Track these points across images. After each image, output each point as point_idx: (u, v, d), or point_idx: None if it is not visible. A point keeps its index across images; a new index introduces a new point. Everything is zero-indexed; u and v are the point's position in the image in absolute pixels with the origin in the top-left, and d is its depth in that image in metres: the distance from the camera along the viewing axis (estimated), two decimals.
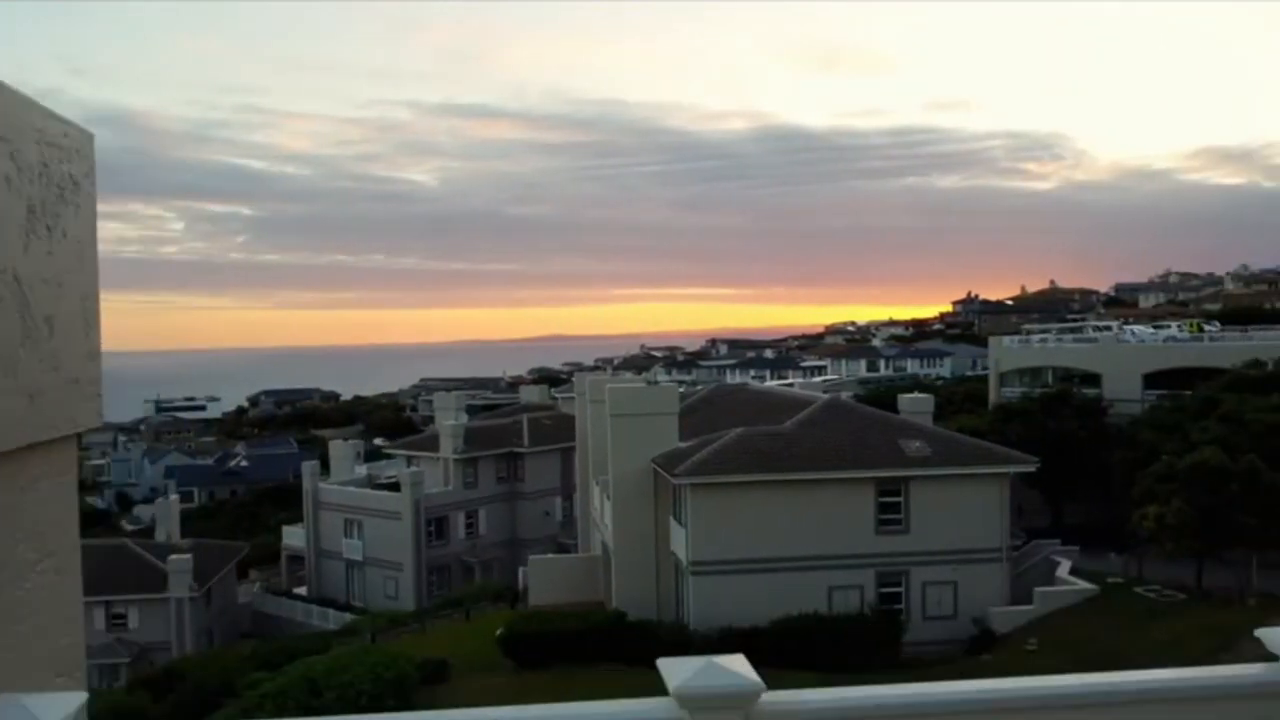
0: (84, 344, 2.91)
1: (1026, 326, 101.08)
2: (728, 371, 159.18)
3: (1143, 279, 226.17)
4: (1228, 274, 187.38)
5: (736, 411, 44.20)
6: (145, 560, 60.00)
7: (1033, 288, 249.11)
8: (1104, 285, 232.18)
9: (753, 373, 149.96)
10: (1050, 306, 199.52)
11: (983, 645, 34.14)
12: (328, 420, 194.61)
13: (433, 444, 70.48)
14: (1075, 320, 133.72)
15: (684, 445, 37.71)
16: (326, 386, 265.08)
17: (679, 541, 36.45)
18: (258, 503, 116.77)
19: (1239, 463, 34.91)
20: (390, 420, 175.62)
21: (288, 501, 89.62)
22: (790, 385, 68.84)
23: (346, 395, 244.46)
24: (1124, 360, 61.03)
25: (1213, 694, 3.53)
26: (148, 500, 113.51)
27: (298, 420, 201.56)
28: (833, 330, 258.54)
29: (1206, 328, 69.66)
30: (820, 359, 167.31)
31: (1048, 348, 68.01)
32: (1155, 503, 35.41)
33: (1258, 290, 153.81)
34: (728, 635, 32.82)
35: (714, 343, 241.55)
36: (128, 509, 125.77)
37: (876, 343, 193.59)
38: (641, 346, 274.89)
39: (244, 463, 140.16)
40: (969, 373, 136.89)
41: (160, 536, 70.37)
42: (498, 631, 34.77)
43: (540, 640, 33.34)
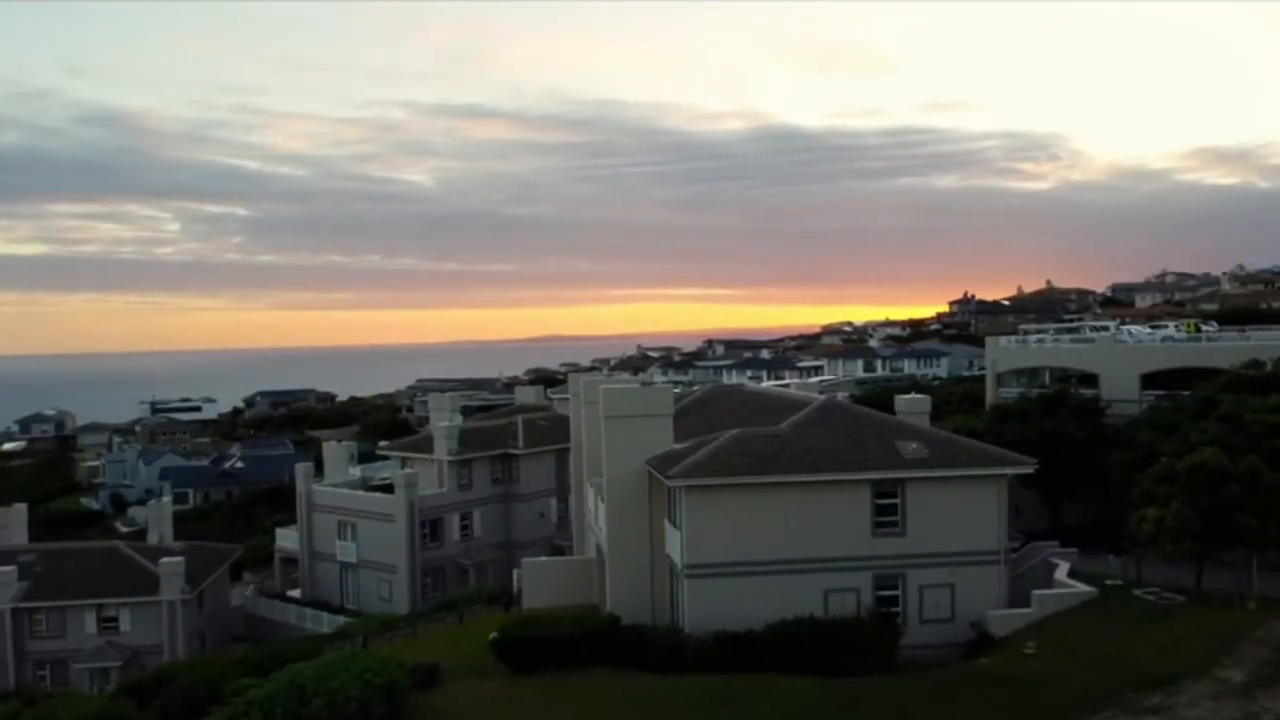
0: None
1: (1023, 326, 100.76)
2: (724, 372, 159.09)
3: (1139, 279, 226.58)
4: (1224, 274, 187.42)
5: (732, 413, 43.88)
6: (137, 563, 59.63)
7: (1029, 288, 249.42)
8: (1100, 285, 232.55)
9: (749, 373, 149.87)
10: (1047, 307, 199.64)
11: (980, 648, 33.79)
12: (323, 421, 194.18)
13: (427, 445, 70.16)
14: (1072, 320, 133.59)
15: (679, 447, 37.36)
16: (322, 387, 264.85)
17: (674, 544, 36.11)
18: (253, 504, 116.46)
19: (1239, 464, 34.58)
20: (386, 421, 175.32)
21: (283, 503, 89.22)
22: (786, 386, 68.46)
23: (342, 396, 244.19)
24: (1121, 360, 60.74)
25: None
26: (143, 502, 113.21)
27: (293, 421, 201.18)
28: (829, 330, 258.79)
29: (1204, 328, 69.41)
30: (817, 359, 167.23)
31: (1045, 348, 67.69)
32: (1154, 504, 35.06)
33: (1254, 290, 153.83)
34: (722, 639, 32.53)
35: (711, 343, 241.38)
36: (123, 510, 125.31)
37: (873, 343, 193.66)
38: (638, 347, 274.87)
39: (239, 464, 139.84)
40: (966, 373, 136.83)
41: (153, 539, 70.01)
42: (491, 635, 34.40)
43: (533, 644, 32.95)
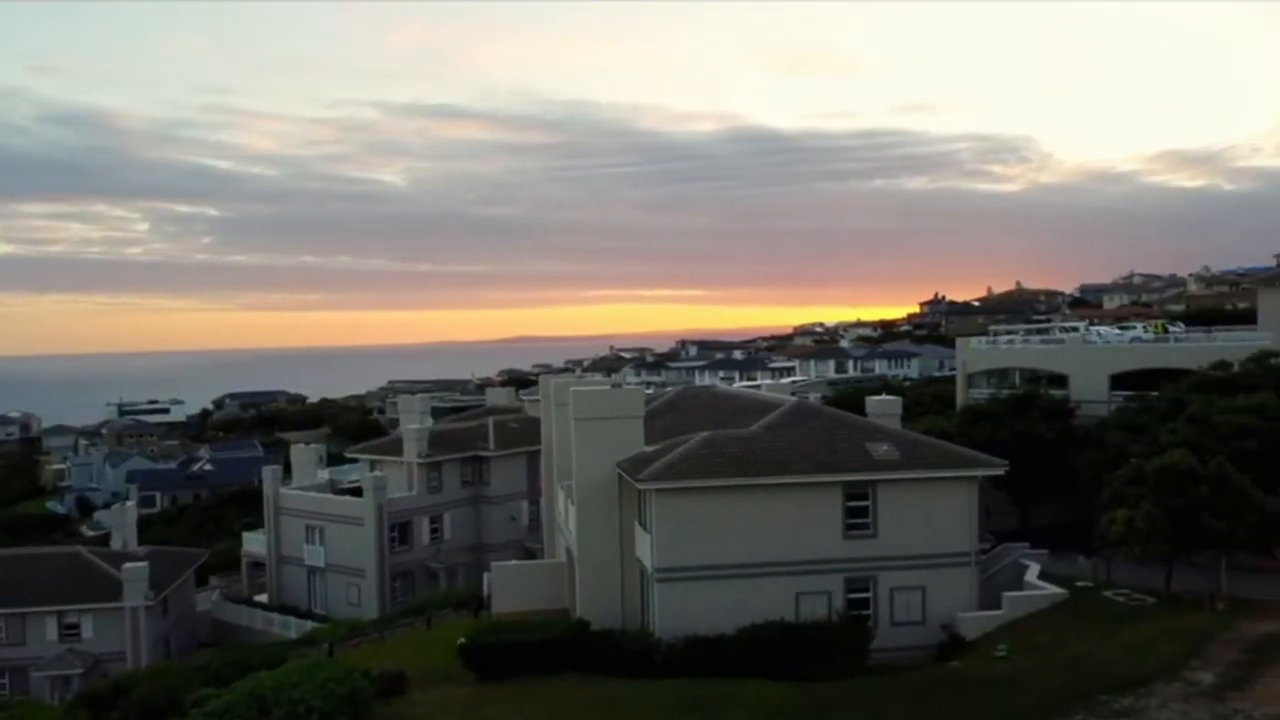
0: None
1: (993, 327, 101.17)
2: (697, 373, 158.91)
3: (1107, 280, 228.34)
4: (1190, 275, 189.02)
5: (703, 414, 43.62)
6: (99, 568, 58.55)
7: (999, 289, 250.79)
8: (1069, 286, 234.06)
9: (722, 374, 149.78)
10: (1016, 307, 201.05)
11: (951, 651, 33.69)
12: (294, 423, 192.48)
13: (397, 448, 69.48)
14: (1041, 321, 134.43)
15: (649, 449, 37.04)
16: (293, 389, 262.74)
17: (644, 548, 35.78)
18: (222, 507, 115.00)
19: (1208, 465, 34.67)
20: (357, 423, 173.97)
21: (253, 506, 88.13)
22: (758, 387, 68.31)
23: (314, 398, 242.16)
24: (1091, 361, 60.97)
25: None
26: (109, 505, 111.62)
27: (263, 423, 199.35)
28: (801, 331, 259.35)
29: (1171, 329, 69.76)
30: (789, 360, 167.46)
31: (1015, 349, 67.86)
32: (1124, 506, 35.08)
33: (1219, 291, 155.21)
34: (693, 643, 32.23)
35: (684, 344, 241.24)
36: (89, 514, 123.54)
37: (845, 344, 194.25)
38: (611, 348, 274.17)
39: (208, 466, 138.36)
40: (936, 373, 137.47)
41: (116, 544, 68.92)
42: (459, 641, 33.93)
43: (501, 650, 32.49)
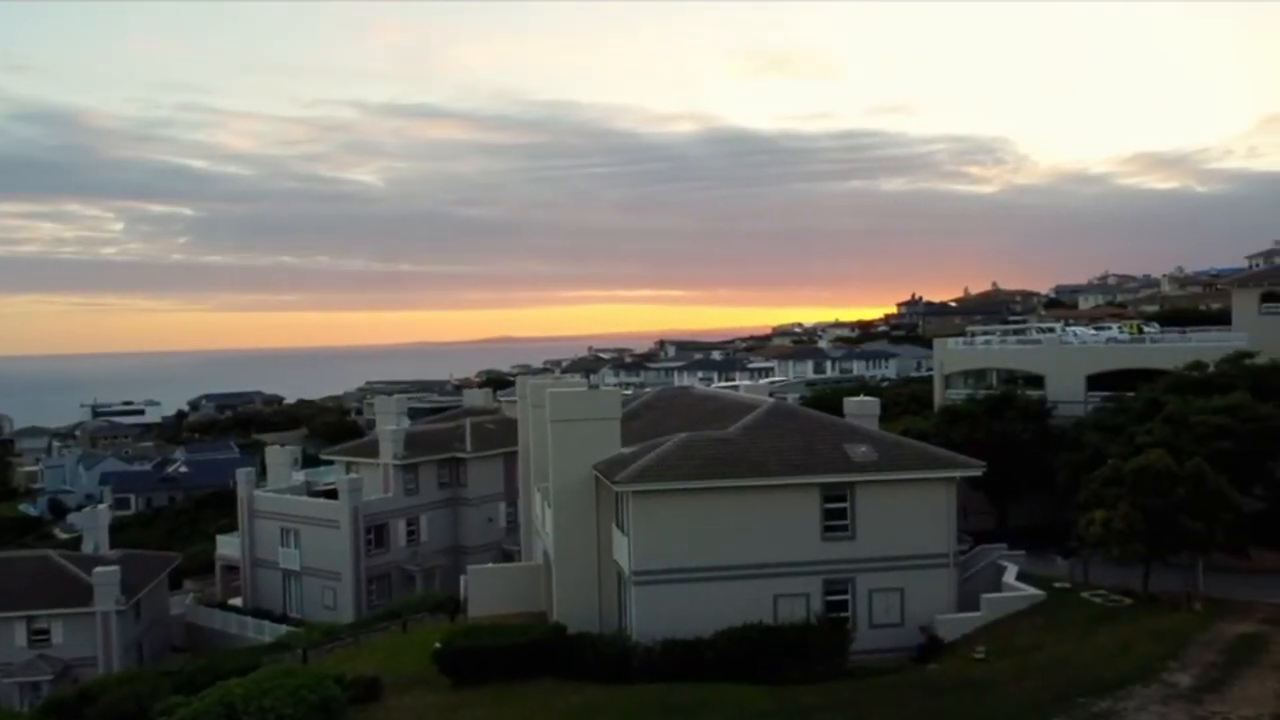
0: None
1: (970, 328, 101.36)
2: (676, 373, 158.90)
3: (1082, 281, 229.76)
4: (1164, 276, 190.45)
5: (681, 416, 43.39)
6: (69, 572, 57.68)
7: (975, 289, 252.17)
8: (1045, 287, 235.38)
9: (701, 374, 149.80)
10: (993, 308, 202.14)
11: (930, 653, 33.61)
12: (270, 424, 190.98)
13: (373, 449, 68.88)
14: (1017, 321, 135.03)
15: (627, 451, 36.77)
16: (270, 390, 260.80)
17: (621, 550, 35.51)
18: (197, 509, 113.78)
19: (1185, 466, 34.72)
20: (334, 424, 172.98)
21: (229, 508, 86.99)
22: (736, 387, 68.08)
23: (291, 399, 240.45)
24: (1067, 362, 61.15)
25: None
26: (82, 507, 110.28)
27: (240, 424, 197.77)
28: (780, 332, 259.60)
29: (1146, 329, 70.09)
30: (768, 360, 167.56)
31: (992, 349, 68.00)
32: (1102, 506, 35.11)
33: (1193, 292, 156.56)
34: (671, 647, 31.98)
35: (662, 344, 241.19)
36: (62, 516, 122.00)
37: (823, 344, 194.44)
38: (590, 348, 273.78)
39: (183, 468, 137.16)
40: (914, 374, 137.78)
41: (88, 547, 67.91)
42: (434, 646, 33.54)
43: (477, 655, 32.14)
